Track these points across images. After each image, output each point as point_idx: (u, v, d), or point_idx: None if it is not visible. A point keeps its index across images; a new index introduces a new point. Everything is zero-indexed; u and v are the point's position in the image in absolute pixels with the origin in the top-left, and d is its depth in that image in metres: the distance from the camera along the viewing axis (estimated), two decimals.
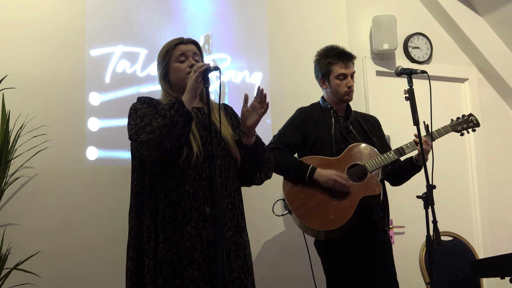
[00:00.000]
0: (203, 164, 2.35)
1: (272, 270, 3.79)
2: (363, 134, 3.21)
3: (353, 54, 3.23)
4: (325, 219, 2.92)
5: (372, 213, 3.09)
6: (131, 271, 2.33)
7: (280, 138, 3.14)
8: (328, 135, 3.11)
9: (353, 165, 3.05)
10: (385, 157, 3.06)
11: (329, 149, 3.08)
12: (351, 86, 3.17)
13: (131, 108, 2.42)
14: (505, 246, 4.58)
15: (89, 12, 3.53)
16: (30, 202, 3.25)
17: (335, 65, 3.15)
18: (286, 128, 3.19)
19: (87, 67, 3.48)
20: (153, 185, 2.35)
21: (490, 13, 4.67)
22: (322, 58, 3.22)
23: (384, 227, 3.15)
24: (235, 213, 2.41)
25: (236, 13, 3.97)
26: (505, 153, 4.84)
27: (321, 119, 3.17)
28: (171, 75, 2.50)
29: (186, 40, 2.54)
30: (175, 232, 2.28)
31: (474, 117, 3.25)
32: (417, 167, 3.10)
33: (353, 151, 3.07)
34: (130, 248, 2.37)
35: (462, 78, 4.80)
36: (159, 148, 2.23)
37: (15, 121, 3.20)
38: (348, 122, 3.22)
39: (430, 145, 3.00)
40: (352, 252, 3.01)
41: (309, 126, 3.15)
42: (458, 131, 3.21)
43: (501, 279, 3.17)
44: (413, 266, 3.81)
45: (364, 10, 4.46)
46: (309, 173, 2.97)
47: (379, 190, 2.99)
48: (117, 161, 3.46)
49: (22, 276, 3.07)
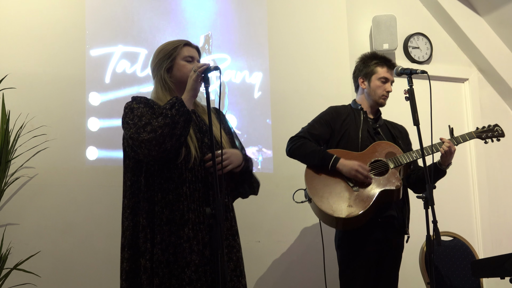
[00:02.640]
0: (199, 167, 2.35)
1: (271, 270, 3.79)
2: (390, 138, 3.27)
3: (396, 64, 3.30)
4: (343, 207, 2.98)
5: (390, 209, 3.12)
6: (126, 272, 2.32)
7: (309, 129, 3.21)
8: (355, 133, 3.18)
9: (376, 160, 3.10)
10: (407, 156, 3.11)
11: (354, 146, 3.15)
12: (389, 91, 3.25)
13: (126, 107, 2.39)
14: (505, 246, 4.57)
15: (89, 12, 3.53)
16: (30, 202, 3.25)
17: (381, 67, 3.25)
18: (316, 121, 3.26)
19: (87, 67, 3.48)
20: (149, 186, 2.34)
21: (490, 13, 4.67)
22: (369, 58, 3.31)
23: (402, 227, 3.17)
24: (228, 216, 2.42)
25: (236, 13, 3.97)
26: (505, 153, 4.84)
27: (351, 117, 3.24)
28: (175, 70, 2.48)
29: (192, 44, 2.56)
30: (172, 233, 2.27)
31: (500, 127, 3.34)
32: (442, 172, 3.17)
33: (377, 148, 3.14)
34: (125, 248, 2.35)
35: (462, 78, 4.80)
36: (160, 147, 2.22)
37: (15, 121, 3.20)
38: (377, 124, 3.29)
39: (454, 149, 3.07)
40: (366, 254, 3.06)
41: (338, 122, 3.22)
42: (483, 138, 3.29)
43: (501, 279, 3.17)
44: (413, 266, 3.81)
45: (364, 10, 4.46)
46: (333, 162, 3.03)
47: (398, 185, 3.02)
48: (117, 161, 3.46)
49: (22, 276, 3.07)
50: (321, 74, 4.09)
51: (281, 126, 3.83)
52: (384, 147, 3.14)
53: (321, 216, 3.10)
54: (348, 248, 3.12)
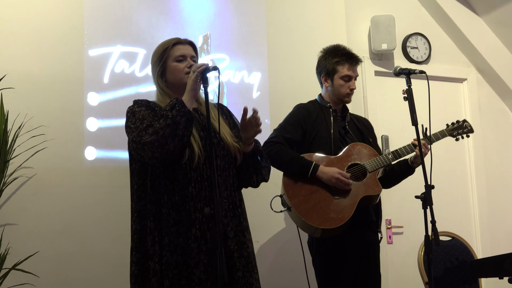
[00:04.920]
0: (204, 165, 2.35)
1: (271, 270, 3.79)
2: (359, 134, 3.23)
3: (360, 58, 3.26)
4: (325, 217, 2.93)
5: (369, 213, 3.10)
6: (135, 276, 2.32)
7: (281, 132, 3.13)
8: (327, 134, 3.12)
9: (353, 164, 3.06)
10: (384, 158, 3.08)
11: (327, 147, 3.09)
12: (353, 89, 3.19)
13: (128, 111, 2.40)
14: (504, 246, 4.58)
15: (87, 12, 3.52)
16: (28, 202, 3.24)
17: (343, 65, 3.16)
18: (287, 123, 3.19)
19: (86, 67, 3.48)
20: (155, 188, 2.34)
21: (489, 13, 4.67)
22: (330, 56, 3.22)
23: (377, 228, 3.17)
24: (236, 213, 2.41)
25: (235, 13, 3.97)
26: (504, 152, 4.84)
27: (320, 117, 3.17)
28: (168, 74, 2.49)
29: (183, 40, 2.54)
30: (179, 234, 2.27)
31: (468, 123, 3.29)
32: (411, 169, 3.15)
33: (352, 151, 3.09)
34: (133, 252, 2.35)
35: (460, 78, 4.80)
36: (163, 149, 2.22)
37: (14, 121, 3.20)
38: (345, 122, 3.24)
39: (428, 149, 3.01)
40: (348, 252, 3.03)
41: (309, 122, 3.15)
42: (454, 136, 3.26)
43: (499, 279, 3.17)
44: (411, 266, 3.81)
45: (362, 10, 4.46)
46: (312, 170, 2.97)
47: (379, 190, 3.01)
48: (115, 161, 3.46)
49: (20, 276, 3.07)
50: None
51: None
52: (359, 149, 3.09)
53: (299, 224, 3.03)
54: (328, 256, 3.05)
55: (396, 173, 3.19)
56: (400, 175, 3.20)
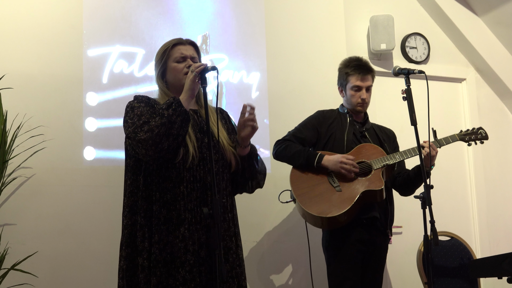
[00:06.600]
0: (198, 166, 2.35)
1: (270, 270, 3.79)
2: (377, 142, 3.28)
3: (372, 68, 3.32)
4: (325, 207, 3.02)
5: (372, 209, 3.14)
6: (124, 270, 2.33)
7: (295, 133, 3.26)
8: (341, 135, 3.21)
9: (360, 162, 3.12)
10: (390, 157, 3.13)
11: (340, 148, 3.18)
12: (364, 98, 3.25)
13: (127, 106, 2.40)
14: (503, 246, 4.58)
15: (86, 12, 3.52)
16: (27, 202, 3.24)
17: (352, 76, 3.26)
18: (302, 126, 3.31)
19: (85, 67, 3.48)
20: (147, 185, 2.34)
21: (488, 13, 4.67)
22: (343, 67, 3.33)
23: (385, 228, 3.18)
24: (227, 218, 2.41)
25: (234, 13, 3.97)
26: (503, 153, 4.84)
27: (337, 121, 3.28)
28: (168, 74, 2.49)
29: (184, 41, 2.54)
30: (169, 232, 2.28)
31: (484, 130, 3.32)
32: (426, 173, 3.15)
33: (361, 150, 3.17)
34: (123, 247, 2.36)
35: (459, 78, 4.80)
36: (157, 147, 2.22)
37: (13, 121, 3.20)
38: (364, 128, 3.31)
39: (437, 151, 3.08)
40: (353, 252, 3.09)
41: (325, 126, 3.26)
42: (466, 141, 3.29)
43: (498, 279, 3.18)
44: (410, 266, 3.81)
45: (361, 10, 4.47)
46: (318, 159, 3.08)
47: (380, 185, 3.05)
48: (114, 161, 3.46)
49: (19, 276, 3.06)
50: (318, 74, 4.08)
51: (279, 126, 3.82)
52: (368, 149, 3.18)
53: (305, 216, 3.14)
54: (334, 249, 3.14)
55: (411, 178, 3.22)
56: (415, 179, 3.21)
